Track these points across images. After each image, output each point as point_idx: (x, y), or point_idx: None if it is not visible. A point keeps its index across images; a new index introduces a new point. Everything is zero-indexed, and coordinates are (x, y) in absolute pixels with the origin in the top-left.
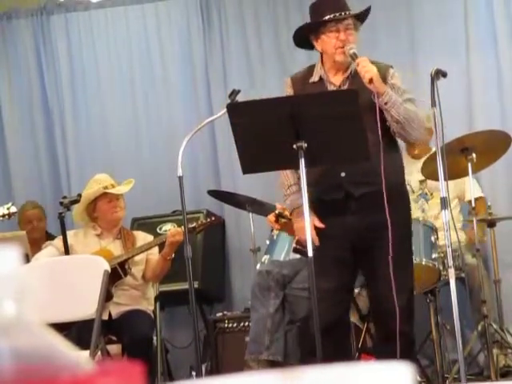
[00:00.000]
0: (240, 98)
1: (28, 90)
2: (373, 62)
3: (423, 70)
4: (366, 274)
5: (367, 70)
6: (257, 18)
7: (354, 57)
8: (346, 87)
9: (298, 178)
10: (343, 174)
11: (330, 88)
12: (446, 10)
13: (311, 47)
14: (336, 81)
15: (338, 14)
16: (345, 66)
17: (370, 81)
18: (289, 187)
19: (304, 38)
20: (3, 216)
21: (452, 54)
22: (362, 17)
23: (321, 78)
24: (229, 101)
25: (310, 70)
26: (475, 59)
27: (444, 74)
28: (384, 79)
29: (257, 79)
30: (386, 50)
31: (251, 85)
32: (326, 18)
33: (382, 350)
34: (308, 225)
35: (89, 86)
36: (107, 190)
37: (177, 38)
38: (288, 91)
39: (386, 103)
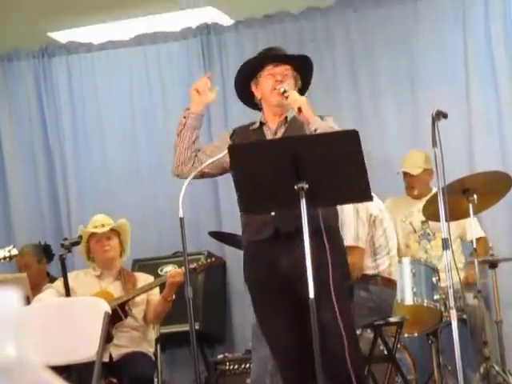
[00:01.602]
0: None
1: (29, 130)
2: None
3: (423, 110)
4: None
5: (295, 100)
6: None
7: (284, 93)
8: (282, 131)
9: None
10: (273, 213)
11: (268, 133)
12: (446, 49)
13: (255, 105)
14: (273, 125)
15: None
16: (281, 109)
17: (299, 110)
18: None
19: (247, 90)
20: (4, 258)
21: (452, 94)
22: (300, 67)
23: (261, 124)
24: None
25: (254, 122)
26: (475, 100)
27: (445, 115)
28: None
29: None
30: (387, 89)
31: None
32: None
33: None
34: (309, 260)
35: (90, 127)
36: (93, 230)
37: (178, 79)
38: (218, 143)
39: (315, 130)
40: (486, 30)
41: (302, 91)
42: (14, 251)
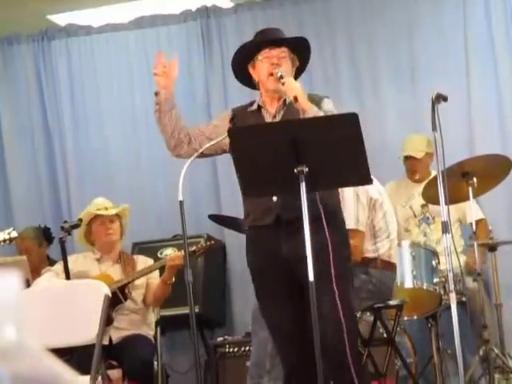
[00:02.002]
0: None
1: (29, 114)
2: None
3: (423, 95)
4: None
5: (292, 88)
6: None
7: (281, 78)
8: (281, 114)
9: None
10: (275, 198)
11: (267, 116)
12: (446, 33)
13: (253, 85)
14: (272, 109)
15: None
16: (279, 94)
17: (295, 99)
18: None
19: (244, 71)
20: (4, 241)
21: (452, 78)
22: (297, 48)
23: (259, 107)
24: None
25: (252, 102)
26: (475, 83)
27: (445, 98)
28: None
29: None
30: (387, 73)
31: None
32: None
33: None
34: (308, 244)
35: (89, 110)
36: (98, 212)
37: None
38: (217, 123)
39: None
40: (487, 14)
41: (299, 72)
42: (14, 233)
